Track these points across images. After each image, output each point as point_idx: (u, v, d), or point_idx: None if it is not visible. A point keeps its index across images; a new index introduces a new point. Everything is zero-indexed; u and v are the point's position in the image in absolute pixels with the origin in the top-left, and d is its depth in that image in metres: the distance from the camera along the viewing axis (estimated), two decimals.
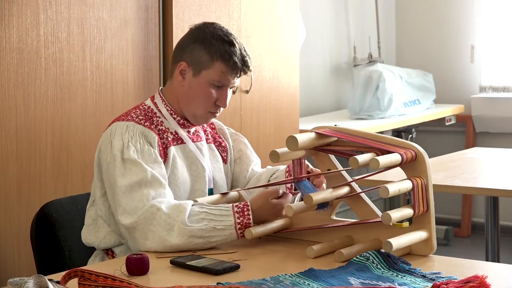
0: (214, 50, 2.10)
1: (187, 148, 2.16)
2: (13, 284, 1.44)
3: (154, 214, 1.94)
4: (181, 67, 2.14)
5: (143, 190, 1.97)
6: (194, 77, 2.12)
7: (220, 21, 3.52)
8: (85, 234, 2.13)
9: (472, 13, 5.69)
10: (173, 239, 1.91)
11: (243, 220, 1.96)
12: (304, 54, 4.82)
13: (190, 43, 2.14)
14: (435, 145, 5.59)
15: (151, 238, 1.93)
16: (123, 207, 1.97)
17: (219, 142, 2.29)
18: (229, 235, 1.95)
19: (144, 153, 2.04)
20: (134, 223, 1.95)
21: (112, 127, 2.10)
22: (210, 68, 2.10)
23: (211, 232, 1.93)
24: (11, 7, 2.73)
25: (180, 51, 2.16)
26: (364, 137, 1.90)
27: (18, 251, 2.79)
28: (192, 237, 1.92)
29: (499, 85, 5.62)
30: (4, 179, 2.74)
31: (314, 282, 1.63)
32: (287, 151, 1.88)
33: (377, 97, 4.94)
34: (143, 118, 2.12)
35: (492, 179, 3.12)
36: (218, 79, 2.11)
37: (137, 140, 2.05)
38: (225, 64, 2.10)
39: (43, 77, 2.84)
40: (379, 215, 1.90)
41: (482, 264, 1.95)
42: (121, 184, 1.98)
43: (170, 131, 2.15)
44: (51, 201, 2.28)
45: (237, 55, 2.10)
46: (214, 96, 2.13)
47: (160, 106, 2.17)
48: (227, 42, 2.11)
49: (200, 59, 2.11)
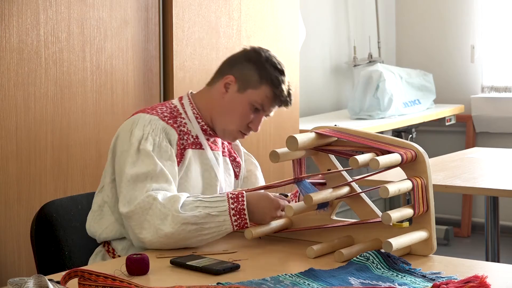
0: (265, 73, 2.13)
1: (204, 155, 2.17)
2: (13, 284, 1.44)
3: (150, 204, 1.95)
4: (227, 80, 2.16)
5: (147, 182, 1.99)
6: (238, 93, 2.14)
7: (220, 21, 3.53)
8: (90, 221, 2.14)
9: (472, 13, 5.70)
10: (166, 227, 1.92)
11: (237, 206, 1.95)
12: (304, 54, 4.82)
13: (243, 61, 2.17)
14: (435, 145, 5.59)
15: (146, 227, 1.94)
16: (123, 195, 1.99)
17: (234, 157, 2.32)
18: (223, 222, 1.94)
19: (160, 148, 2.05)
20: (130, 212, 1.96)
21: (136, 117, 2.11)
22: (256, 89, 2.13)
23: (205, 218, 1.93)
24: (11, 7, 2.73)
25: (229, 65, 2.19)
26: (364, 137, 1.90)
27: (18, 251, 2.79)
28: (185, 224, 1.92)
29: (499, 85, 5.62)
30: (4, 179, 2.74)
31: (314, 282, 1.63)
32: (287, 151, 1.88)
33: (377, 97, 4.94)
34: (168, 115, 2.14)
35: (492, 179, 3.12)
36: (260, 102, 2.13)
37: (157, 134, 2.07)
38: (271, 89, 2.13)
39: (43, 77, 2.84)
40: (379, 215, 1.90)
41: (482, 264, 1.95)
42: (129, 172, 2.00)
43: (191, 134, 2.16)
44: (51, 201, 2.28)
45: (285, 85, 2.14)
46: (249, 117, 2.15)
47: (187, 107, 2.18)
48: (279, 70, 2.15)
49: (249, 78, 2.13)
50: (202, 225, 1.93)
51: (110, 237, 2.10)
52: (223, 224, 1.95)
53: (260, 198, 2.00)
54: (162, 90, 3.32)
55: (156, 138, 2.06)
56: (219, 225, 1.95)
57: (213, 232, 1.95)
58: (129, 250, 2.06)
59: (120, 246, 2.09)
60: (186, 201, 1.96)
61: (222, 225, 1.95)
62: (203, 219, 1.93)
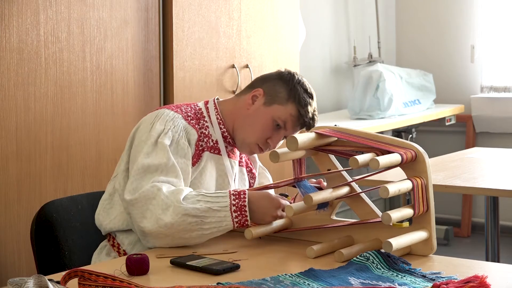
0: (294, 93, 2.15)
1: (221, 160, 2.19)
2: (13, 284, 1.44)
3: (154, 194, 1.96)
4: (256, 93, 2.19)
5: (156, 174, 2.00)
6: (264, 106, 2.17)
7: (220, 21, 3.53)
8: (99, 210, 2.15)
9: (472, 13, 5.70)
10: (167, 217, 1.93)
11: (238, 203, 1.96)
12: (304, 54, 4.82)
13: (276, 79, 2.20)
14: (435, 145, 5.59)
15: (148, 216, 1.95)
16: (131, 182, 2.01)
17: (250, 169, 2.34)
18: (224, 218, 1.95)
19: (178, 145, 2.07)
20: (134, 199, 1.98)
21: (160, 111, 2.14)
22: (282, 105, 2.15)
23: (206, 212, 1.94)
24: (11, 7, 2.73)
25: (262, 80, 2.23)
26: (364, 137, 1.90)
27: (18, 251, 2.79)
28: (185, 216, 1.93)
29: (499, 85, 5.62)
30: (4, 179, 2.74)
31: (314, 282, 1.63)
32: (287, 151, 1.88)
33: (377, 97, 4.94)
34: (192, 115, 2.16)
35: (492, 179, 3.12)
36: (283, 119, 2.15)
37: (177, 131, 2.09)
38: (297, 108, 2.15)
39: (43, 77, 2.85)
40: (379, 215, 1.90)
41: (482, 264, 1.95)
42: (141, 162, 2.02)
43: (211, 138, 2.17)
44: (51, 201, 2.28)
45: (311, 108, 2.16)
46: (270, 132, 2.16)
47: (211, 112, 2.20)
48: (308, 93, 2.18)
49: (278, 94, 2.16)
50: (202, 218, 1.94)
51: (116, 227, 2.09)
52: (223, 220, 1.96)
53: (261, 197, 2.01)
54: (162, 90, 3.32)
55: (175, 134, 2.08)
56: (219, 220, 1.95)
57: (213, 228, 1.96)
58: (135, 246, 2.06)
59: (127, 240, 2.09)
60: (188, 195, 1.98)
61: (222, 220, 1.96)
62: (204, 212, 1.94)
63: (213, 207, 1.95)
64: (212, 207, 1.95)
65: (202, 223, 1.94)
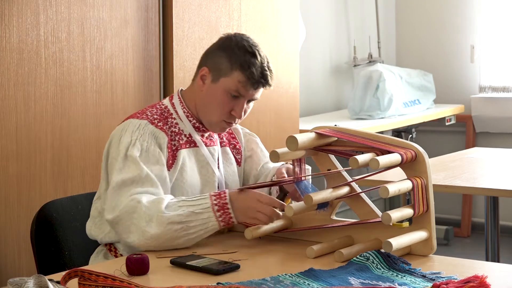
0: (234, 59, 2.10)
1: (199, 152, 2.17)
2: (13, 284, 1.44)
3: (135, 207, 1.95)
4: (202, 72, 2.15)
5: (132, 187, 1.99)
6: (213, 83, 2.13)
7: (220, 21, 3.53)
8: (90, 226, 2.14)
9: (472, 13, 5.70)
10: (152, 229, 1.92)
11: (220, 202, 1.95)
12: (304, 54, 4.82)
13: (215, 50, 2.15)
14: (435, 145, 5.59)
15: (133, 231, 1.94)
16: (109, 202, 2.00)
17: (234, 145, 2.31)
18: (208, 219, 1.94)
19: (148, 152, 2.05)
20: (116, 217, 1.97)
21: (126, 123, 2.12)
22: (228, 76, 2.10)
23: (189, 216, 1.93)
24: (11, 7, 2.73)
25: (205, 56, 2.18)
26: (364, 137, 1.90)
27: (18, 251, 2.79)
28: (170, 224, 1.92)
29: (499, 85, 5.62)
30: (4, 179, 2.74)
31: (314, 282, 1.63)
32: (287, 151, 1.88)
33: (377, 97, 4.94)
34: (158, 117, 2.13)
35: (492, 179, 3.12)
36: (234, 89, 2.11)
37: (145, 139, 2.07)
38: (242, 74, 2.09)
39: (43, 77, 2.84)
40: (379, 215, 1.90)
41: (482, 264, 1.95)
42: (115, 180, 2.01)
43: (184, 133, 2.16)
44: (51, 201, 2.28)
45: (256, 67, 2.10)
46: (229, 105, 2.12)
47: (178, 107, 2.18)
48: (249, 52, 2.11)
49: (220, 66, 2.11)
50: (187, 223, 1.93)
51: (111, 240, 2.10)
52: (208, 221, 1.95)
53: (242, 194, 1.98)
54: (162, 90, 3.32)
55: (144, 143, 2.06)
56: (204, 222, 1.95)
57: (199, 230, 1.95)
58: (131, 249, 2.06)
59: (122, 246, 2.09)
60: (170, 203, 1.97)
61: (207, 222, 1.95)
62: (188, 217, 1.94)
63: (195, 210, 1.94)
64: (195, 210, 1.94)
65: (187, 228, 1.94)
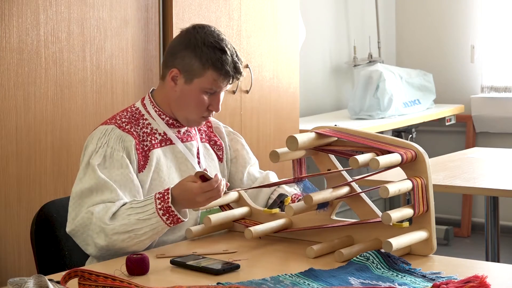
0: (205, 58, 2.08)
1: (176, 149, 2.17)
2: (13, 284, 1.44)
3: (89, 219, 1.96)
4: (172, 74, 2.13)
5: (92, 196, 1.99)
6: (186, 84, 2.12)
7: (220, 21, 3.53)
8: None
9: (472, 13, 5.70)
10: (101, 240, 1.94)
11: (163, 205, 1.95)
12: (304, 54, 4.82)
13: (182, 50, 2.12)
14: (435, 145, 5.59)
15: (89, 243, 1.97)
16: (69, 213, 2.02)
17: (214, 141, 2.29)
18: (157, 223, 1.95)
19: (112, 158, 2.05)
20: (73, 230, 1.99)
21: (96, 131, 2.12)
22: (202, 76, 2.09)
23: (135, 225, 1.94)
24: (11, 7, 2.73)
25: (171, 56, 2.15)
26: (364, 137, 1.90)
27: (18, 251, 2.79)
28: (116, 235, 1.93)
29: (499, 85, 5.62)
30: (4, 179, 2.74)
31: (314, 282, 1.63)
32: (287, 151, 1.89)
33: (377, 97, 4.93)
34: (127, 121, 2.12)
35: (492, 179, 3.12)
36: (210, 87, 2.10)
37: (109, 145, 2.06)
38: (217, 73, 2.08)
39: (43, 77, 2.85)
40: (379, 215, 1.90)
41: (482, 264, 1.95)
42: (75, 190, 2.02)
43: (158, 132, 2.15)
44: (51, 201, 2.28)
45: (228, 63, 2.09)
46: (206, 102, 2.12)
47: (149, 107, 2.18)
48: (218, 49, 2.09)
49: (192, 67, 2.09)
50: (135, 231, 1.94)
51: None
52: (156, 225, 1.95)
53: (182, 189, 1.96)
54: None
55: (108, 149, 2.05)
56: (153, 227, 1.95)
57: (151, 236, 1.96)
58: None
59: None
60: (119, 211, 1.97)
61: (156, 226, 1.95)
62: (134, 225, 1.94)
63: (141, 217, 1.95)
64: (141, 218, 1.95)
65: (136, 236, 1.94)
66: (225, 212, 2.09)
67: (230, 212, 2.09)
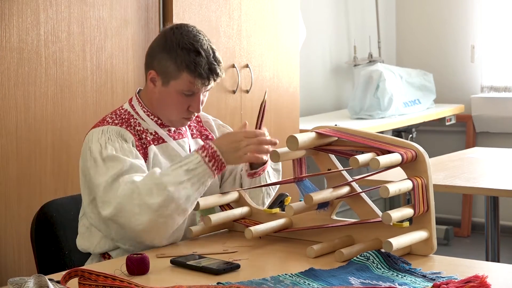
0: (180, 61, 2.07)
1: (169, 147, 2.17)
2: (13, 284, 1.44)
3: (132, 188, 1.94)
4: (151, 76, 2.13)
5: (122, 176, 1.97)
6: (164, 86, 2.12)
7: (220, 20, 3.53)
8: (80, 241, 2.13)
9: (472, 13, 5.70)
10: (155, 198, 1.92)
11: (208, 152, 1.98)
12: (304, 54, 4.82)
13: (159, 52, 2.12)
14: (435, 145, 5.59)
15: (139, 211, 1.92)
16: (102, 200, 1.97)
17: (206, 135, 2.29)
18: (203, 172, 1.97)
19: (124, 150, 2.04)
20: (116, 206, 1.94)
21: (89, 135, 2.10)
22: (177, 78, 2.09)
23: (185, 175, 1.95)
24: (11, 6, 2.73)
25: (150, 58, 2.15)
26: (364, 137, 1.90)
27: (18, 251, 2.79)
28: (171, 186, 1.93)
29: (499, 85, 5.62)
30: (4, 179, 2.74)
31: (314, 282, 1.63)
32: (287, 151, 1.89)
33: (377, 97, 4.94)
34: (119, 121, 2.12)
35: (492, 179, 3.12)
36: (187, 89, 2.10)
37: (114, 140, 2.06)
38: (191, 75, 2.08)
39: (43, 76, 2.84)
40: (379, 215, 1.90)
41: (482, 264, 1.95)
42: (101, 181, 1.98)
43: (149, 132, 2.15)
44: (51, 201, 2.28)
45: (202, 65, 2.08)
46: (185, 103, 2.12)
47: (137, 108, 2.18)
48: (193, 51, 2.08)
49: (168, 69, 2.09)
50: (187, 182, 1.95)
51: (104, 250, 2.08)
52: (203, 174, 1.97)
53: (224, 136, 2.04)
54: None
55: (115, 144, 2.05)
56: (201, 176, 1.97)
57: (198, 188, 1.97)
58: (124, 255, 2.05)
59: (114, 253, 2.08)
60: (164, 170, 1.98)
61: (204, 174, 1.97)
62: (184, 176, 1.95)
63: (189, 168, 1.96)
64: (189, 168, 1.96)
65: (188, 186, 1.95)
66: (225, 212, 2.09)
67: (230, 212, 2.09)
